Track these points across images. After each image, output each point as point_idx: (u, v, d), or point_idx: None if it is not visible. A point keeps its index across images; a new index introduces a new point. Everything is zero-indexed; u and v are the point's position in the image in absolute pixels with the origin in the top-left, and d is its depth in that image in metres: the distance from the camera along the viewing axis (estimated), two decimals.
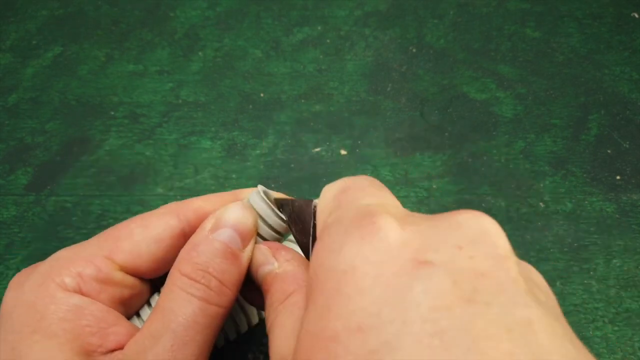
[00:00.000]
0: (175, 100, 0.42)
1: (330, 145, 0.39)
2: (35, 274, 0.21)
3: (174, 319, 0.20)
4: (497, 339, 0.13)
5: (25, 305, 0.20)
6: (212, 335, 0.21)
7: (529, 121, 0.41)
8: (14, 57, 0.45)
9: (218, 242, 0.21)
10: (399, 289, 0.14)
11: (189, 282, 0.21)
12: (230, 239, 0.21)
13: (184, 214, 0.23)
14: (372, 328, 0.14)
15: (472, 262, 0.15)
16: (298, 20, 0.47)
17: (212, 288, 0.21)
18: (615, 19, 0.47)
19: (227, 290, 0.21)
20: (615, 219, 0.35)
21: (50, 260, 0.22)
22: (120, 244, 0.22)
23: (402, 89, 0.43)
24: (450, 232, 0.15)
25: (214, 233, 0.22)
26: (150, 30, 0.47)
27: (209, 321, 0.20)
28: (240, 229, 0.22)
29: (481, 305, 0.13)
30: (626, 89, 0.42)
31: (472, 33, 0.46)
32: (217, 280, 0.21)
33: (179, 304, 0.20)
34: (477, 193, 0.37)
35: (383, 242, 0.15)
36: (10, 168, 0.38)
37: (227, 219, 0.22)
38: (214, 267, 0.21)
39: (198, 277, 0.21)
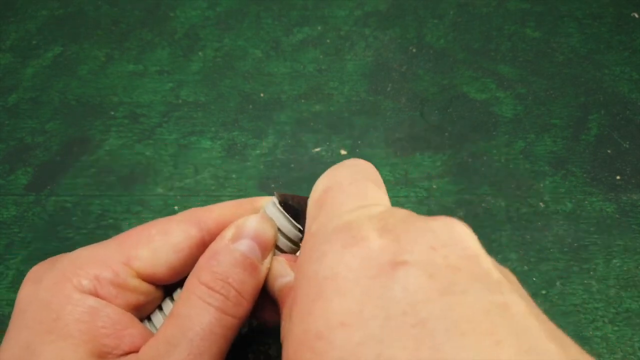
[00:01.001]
0: (175, 100, 0.42)
1: (330, 145, 0.39)
2: (52, 272, 0.21)
3: (192, 327, 0.20)
4: (476, 321, 0.13)
5: (40, 303, 0.20)
6: (226, 346, 0.21)
7: (529, 121, 0.41)
8: (14, 57, 0.45)
9: (238, 253, 0.21)
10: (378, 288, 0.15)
11: (208, 292, 0.21)
12: (250, 250, 0.21)
13: (204, 223, 0.23)
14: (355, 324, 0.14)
15: (446, 260, 0.15)
16: (298, 20, 0.47)
17: (230, 299, 0.21)
18: (615, 19, 0.47)
19: (245, 302, 0.21)
20: (615, 219, 0.35)
21: (69, 259, 0.22)
22: (139, 251, 0.22)
23: (402, 89, 0.43)
24: (424, 235, 0.16)
25: (235, 243, 0.22)
26: (150, 30, 0.47)
27: (224, 332, 0.20)
28: (260, 240, 0.22)
29: (458, 295, 0.14)
30: (626, 89, 0.42)
31: (472, 33, 0.46)
32: (235, 291, 0.21)
33: (196, 312, 0.20)
34: (477, 193, 0.37)
35: (363, 250, 0.16)
36: (10, 168, 0.38)
37: (247, 230, 0.22)
38: (234, 278, 0.21)
39: (217, 286, 0.21)
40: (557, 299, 0.32)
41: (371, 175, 0.20)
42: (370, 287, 0.15)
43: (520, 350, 0.13)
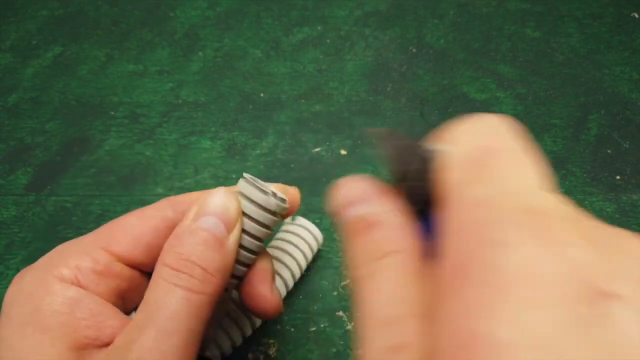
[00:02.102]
0: (175, 100, 0.42)
1: (330, 145, 0.39)
2: (34, 268, 0.22)
3: (157, 310, 0.20)
4: None
5: (22, 298, 0.21)
6: (199, 324, 0.20)
7: (529, 121, 0.41)
8: (14, 57, 0.45)
9: (200, 230, 0.21)
10: (586, 318, 0.11)
11: (172, 272, 0.20)
12: (213, 226, 0.21)
13: (179, 205, 0.24)
14: (551, 353, 0.11)
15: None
16: (298, 20, 0.47)
17: (196, 276, 0.20)
18: (615, 19, 0.47)
19: (212, 278, 0.21)
20: (615, 219, 0.35)
21: (50, 253, 0.22)
22: (116, 235, 0.23)
23: (402, 89, 0.43)
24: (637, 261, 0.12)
25: (197, 221, 0.21)
26: (150, 30, 0.47)
27: (194, 310, 0.20)
28: (223, 215, 0.22)
29: None
30: (626, 89, 0.42)
31: (472, 33, 0.46)
32: (200, 268, 0.20)
33: (162, 294, 0.20)
34: None
35: (566, 258, 0.12)
36: (10, 168, 0.38)
37: (208, 206, 0.22)
38: (197, 256, 0.21)
39: (181, 266, 0.20)
40: None
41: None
42: (575, 313, 0.11)
43: None
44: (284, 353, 0.30)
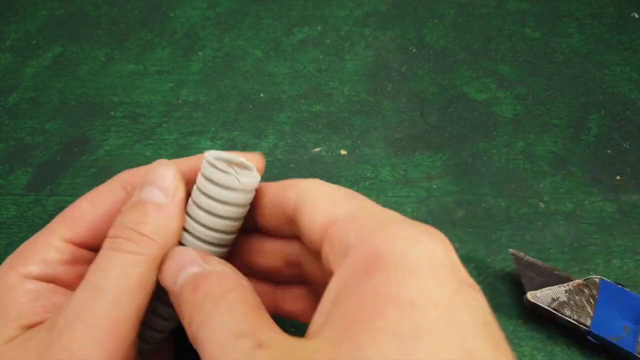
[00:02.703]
0: (175, 100, 0.42)
1: (330, 145, 0.39)
2: (2, 266, 0.22)
3: (102, 276, 0.20)
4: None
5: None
6: (146, 287, 0.21)
7: (529, 121, 0.41)
8: (14, 57, 0.45)
9: (138, 201, 0.22)
10: (464, 293, 0.17)
11: (110, 240, 0.21)
12: (149, 194, 0.22)
13: (130, 183, 0.24)
14: (445, 309, 0.16)
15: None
16: (298, 20, 0.47)
17: (134, 240, 0.21)
18: (615, 19, 0.47)
19: (150, 241, 0.21)
20: (615, 219, 0.35)
21: (17, 250, 0.23)
22: (75, 224, 0.23)
23: (402, 89, 0.43)
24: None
25: (135, 194, 0.22)
26: (150, 30, 0.47)
27: (132, 272, 0.20)
28: (159, 183, 0.22)
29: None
30: (626, 89, 0.42)
31: (472, 33, 0.46)
32: (136, 232, 0.21)
33: (105, 260, 0.21)
34: (477, 193, 0.37)
35: (448, 252, 0.18)
36: (10, 168, 0.38)
37: (146, 178, 0.22)
38: (132, 221, 0.21)
39: (118, 233, 0.21)
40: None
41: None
42: (460, 289, 0.17)
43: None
44: None
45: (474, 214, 0.36)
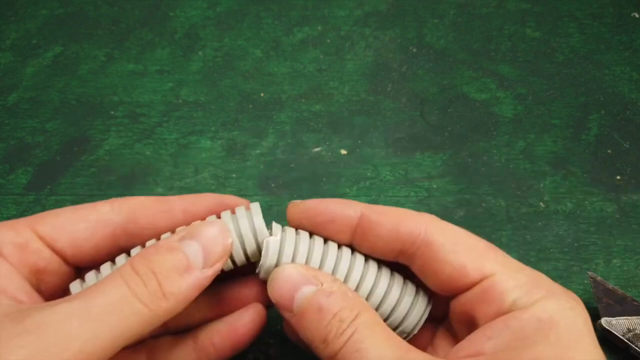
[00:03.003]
0: (175, 100, 0.42)
1: (330, 145, 0.39)
2: None
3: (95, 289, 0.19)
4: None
5: None
6: (125, 331, 0.19)
7: (529, 121, 0.41)
8: (14, 57, 0.45)
9: (178, 251, 0.21)
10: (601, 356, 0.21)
11: (130, 271, 0.20)
12: (193, 253, 0.21)
13: (118, 205, 0.24)
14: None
15: None
16: (298, 20, 0.47)
17: (148, 287, 0.19)
18: (615, 19, 0.47)
19: (164, 299, 0.20)
20: (615, 219, 0.35)
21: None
22: (45, 217, 0.23)
23: (402, 89, 0.43)
24: None
25: (181, 241, 0.21)
26: (150, 30, 0.47)
27: (128, 313, 0.19)
28: (209, 249, 0.21)
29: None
30: (626, 89, 0.42)
31: (472, 33, 0.46)
32: (157, 282, 0.20)
33: (109, 282, 0.19)
34: (477, 193, 0.37)
35: (589, 319, 0.22)
36: (10, 167, 0.38)
37: (201, 233, 0.21)
38: (160, 270, 0.20)
39: (141, 270, 0.20)
40: None
41: None
42: (601, 354, 0.21)
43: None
44: (284, 353, 0.30)
45: (474, 214, 0.36)
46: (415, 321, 0.24)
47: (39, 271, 0.23)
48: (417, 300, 0.24)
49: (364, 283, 0.23)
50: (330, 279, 0.22)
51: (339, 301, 0.21)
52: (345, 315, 0.21)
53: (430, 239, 0.22)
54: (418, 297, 0.24)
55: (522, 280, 0.22)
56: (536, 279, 0.22)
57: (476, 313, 0.22)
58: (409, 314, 0.24)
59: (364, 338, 0.20)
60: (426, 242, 0.22)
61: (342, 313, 0.21)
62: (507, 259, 0.23)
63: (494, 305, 0.21)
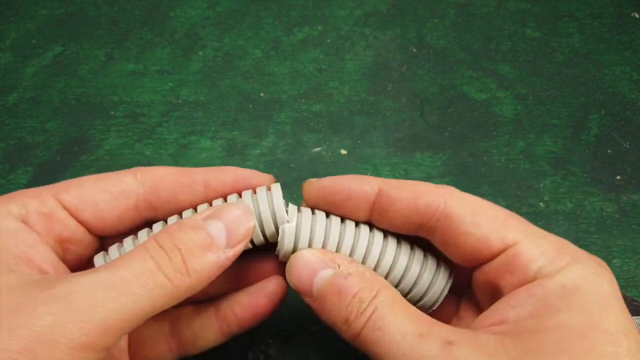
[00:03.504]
0: (175, 100, 0.42)
1: (330, 145, 0.39)
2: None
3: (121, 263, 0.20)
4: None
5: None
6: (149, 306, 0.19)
7: (529, 121, 0.41)
8: (14, 57, 0.45)
9: (203, 230, 0.21)
10: (633, 323, 0.20)
11: (156, 246, 0.20)
12: (217, 233, 0.21)
13: (141, 174, 0.24)
14: (632, 338, 0.19)
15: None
16: (298, 20, 0.47)
17: (174, 262, 0.20)
18: (615, 19, 0.47)
19: (187, 276, 0.20)
20: (615, 219, 0.35)
21: (8, 194, 0.23)
22: (69, 187, 0.23)
23: (402, 89, 0.43)
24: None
25: (207, 220, 0.21)
26: (150, 30, 0.47)
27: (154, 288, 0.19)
28: (233, 230, 0.22)
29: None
30: (626, 89, 0.42)
31: (472, 33, 0.46)
32: (182, 258, 0.20)
33: (135, 256, 0.20)
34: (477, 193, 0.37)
35: (617, 285, 0.21)
36: (11, 167, 0.38)
37: (225, 214, 0.22)
38: (185, 247, 0.20)
39: (166, 246, 0.20)
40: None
41: None
42: (630, 319, 0.20)
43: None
44: (284, 353, 0.30)
45: None
46: (437, 296, 0.24)
47: (64, 240, 0.23)
48: (437, 275, 0.24)
49: (383, 261, 0.23)
50: (348, 260, 0.22)
51: (357, 282, 0.21)
52: (365, 295, 0.21)
53: (450, 211, 0.22)
54: (439, 272, 0.24)
55: (546, 247, 0.21)
56: (560, 245, 0.22)
57: (500, 282, 0.22)
58: (430, 289, 0.24)
59: (384, 315, 0.20)
60: (446, 215, 0.22)
61: (362, 293, 0.21)
62: (530, 226, 0.22)
63: (518, 274, 0.21)
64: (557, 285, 0.20)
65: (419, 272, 0.24)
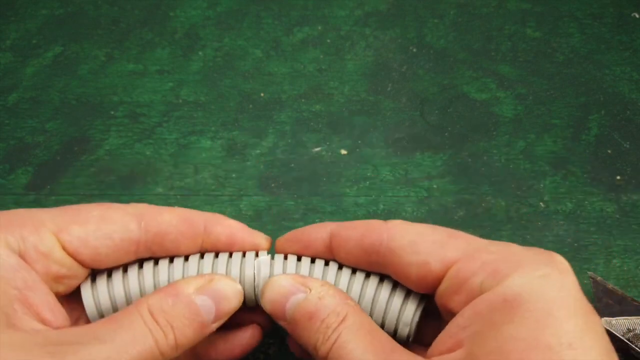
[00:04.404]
0: (175, 99, 0.42)
1: (330, 145, 0.39)
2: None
3: (124, 333, 0.20)
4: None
5: None
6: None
7: (529, 121, 0.41)
8: (14, 57, 0.45)
9: (193, 306, 0.22)
10: (590, 324, 0.19)
11: (152, 321, 0.21)
12: (206, 310, 0.22)
13: (146, 222, 0.24)
14: (578, 348, 0.18)
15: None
16: (298, 20, 0.47)
17: (167, 339, 0.21)
18: (615, 19, 0.47)
19: (177, 350, 0.22)
20: (615, 219, 0.35)
21: (6, 213, 0.23)
22: (72, 227, 0.23)
23: (402, 88, 0.43)
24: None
25: (197, 295, 0.22)
26: (150, 29, 0.47)
27: (146, 357, 0.21)
28: (221, 306, 0.23)
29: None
30: (626, 89, 0.42)
31: (473, 33, 0.46)
32: (174, 337, 0.21)
33: (137, 329, 0.21)
34: (477, 193, 0.37)
35: (575, 283, 0.20)
36: (11, 167, 0.38)
37: (215, 291, 0.23)
38: (178, 326, 0.21)
39: (161, 322, 0.21)
40: None
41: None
42: (586, 321, 0.19)
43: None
44: (284, 353, 0.30)
45: (474, 213, 0.36)
46: (408, 325, 0.24)
47: (60, 277, 0.23)
48: (406, 304, 0.24)
49: (351, 292, 0.24)
50: (319, 283, 0.23)
51: (327, 306, 0.22)
52: (332, 321, 0.21)
53: (391, 245, 0.23)
54: (407, 301, 0.24)
55: (488, 259, 0.21)
56: (504, 253, 0.21)
57: (451, 304, 0.22)
58: (400, 318, 0.24)
59: (347, 342, 0.21)
60: (389, 249, 0.23)
61: (329, 319, 0.21)
62: (473, 241, 0.22)
63: (463, 293, 0.21)
64: (499, 297, 0.19)
65: (387, 301, 0.24)
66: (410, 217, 0.36)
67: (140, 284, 0.24)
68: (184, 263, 0.25)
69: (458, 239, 0.22)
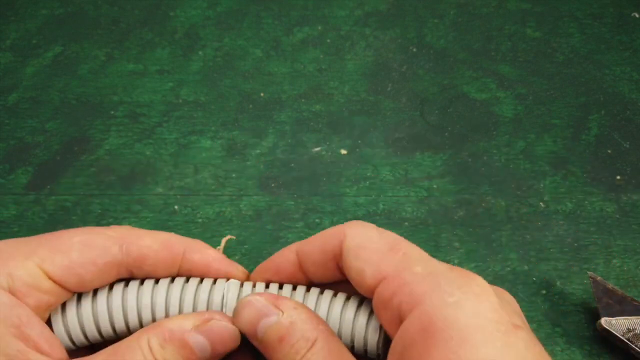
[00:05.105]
0: (175, 99, 0.42)
1: (330, 145, 0.39)
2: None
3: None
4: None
5: None
6: None
7: (529, 121, 0.41)
8: (14, 57, 0.45)
9: (189, 346, 0.22)
10: (511, 344, 0.18)
11: (151, 356, 0.22)
12: (201, 351, 0.22)
13: (127, 246, 0.24)
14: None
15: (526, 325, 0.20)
16: (298, 20, 0.47)
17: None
18: (615, 19, 0.47)
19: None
20: (615, 219, 0.35)
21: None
22: (55, 256, 0.23)
23: (402, 88, 0.43)
24: (515, 303, 0.22)
25: (193, 334, 0.22)
26: (150, 29, 0.47)
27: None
28: (216, 349, 0.23)
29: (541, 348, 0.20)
30: (626, 89, 0.42)
31: (473, 33, 0.46)
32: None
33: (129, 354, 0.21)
34: (477, 193, 0.37)
35: (492, 304, 0.19)
36: (11, 167, 0.38)
37: (213, 332, 0.23)
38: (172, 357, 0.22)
39: (156, 349, 0.22)
40: (557, 299, 0.32)
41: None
42: (505, 341, 0.18)
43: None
44: None
45: (474, 213, 0.36)
46: (374, 342, 0.23)
47: (50, 306, 0.23)
48: (371, 320, 0.23)
49: (319, 312, 0.24)
50: (292, 305, 0.22)
51: (297, 330, 0.22)
52: (301, 346, 0.21)
53: (342, 247, 0.23)
54: (372, 317, 0.23)
55: (407, 280, 0.20)
56: (423, 275, 0.20)
57: (381, 320, 0.21)
58: (367, 335, 0.23)
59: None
60: (342, 251, 0.23)
61: (299, 344, 0.21)
62: (407, 258, 0.21)
63: (388, 312, 0.21)
64: (417, 327, 0.19)
65: (352, 321, 0.23)
66: (410, 217, 0.36)
67: (108, 308, 0.24)
68: (154, 286, 0.25)
69: (397, 253, 0.22)
